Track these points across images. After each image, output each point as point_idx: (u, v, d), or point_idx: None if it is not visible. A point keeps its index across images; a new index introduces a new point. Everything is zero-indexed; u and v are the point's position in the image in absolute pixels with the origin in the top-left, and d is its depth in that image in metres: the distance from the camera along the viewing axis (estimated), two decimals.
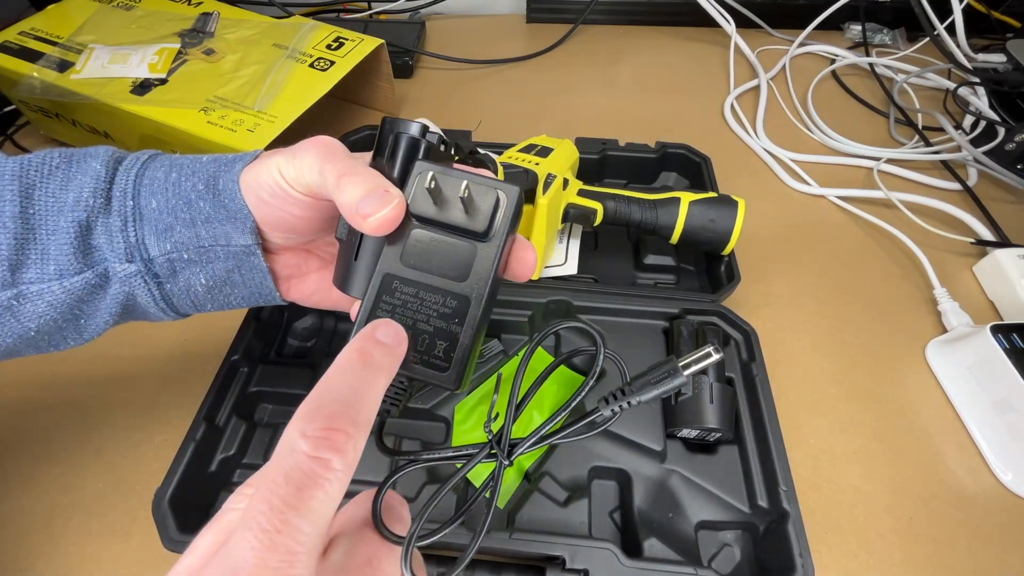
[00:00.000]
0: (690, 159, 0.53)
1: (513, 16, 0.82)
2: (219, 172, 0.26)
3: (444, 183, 0.22)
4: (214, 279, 0.27)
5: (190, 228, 0.26)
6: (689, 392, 0.36)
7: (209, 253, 0.26)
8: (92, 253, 0.25)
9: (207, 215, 0.26)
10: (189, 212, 0.26)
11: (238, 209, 0.26)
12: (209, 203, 0.26)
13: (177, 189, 0.26)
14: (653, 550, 0.33)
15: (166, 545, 0.30)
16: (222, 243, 0.26)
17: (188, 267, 0.26)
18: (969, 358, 0.41)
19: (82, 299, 0.25)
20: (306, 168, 0.24)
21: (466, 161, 0.39)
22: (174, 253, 0.26)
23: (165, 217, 0.25)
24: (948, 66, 0.64)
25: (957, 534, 0.36)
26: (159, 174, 0.26)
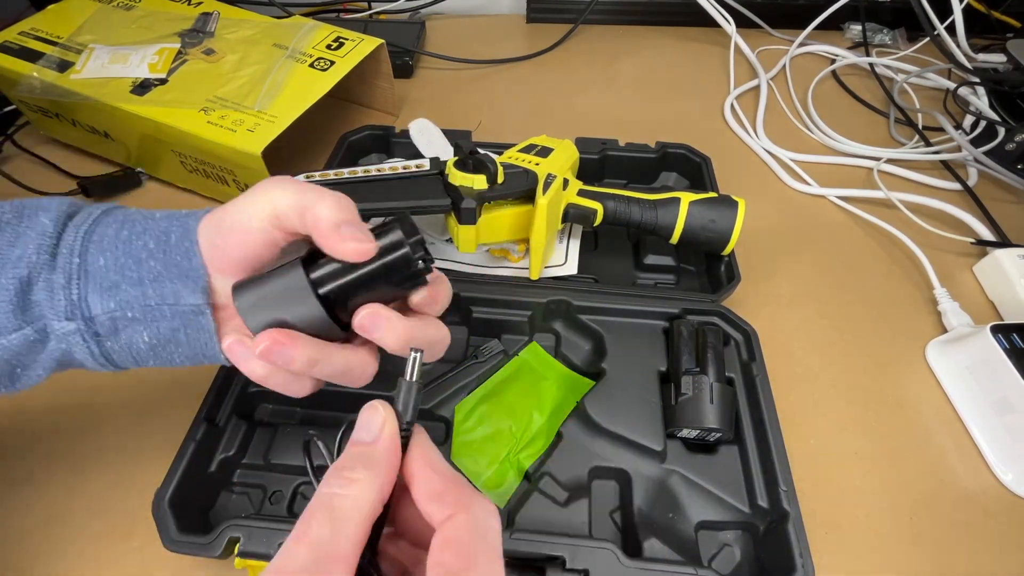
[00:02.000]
0: (690, 159, 0.53)
1: (513, 16, 0.82)
2: (171, 228, 0.26)
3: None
4: (158, 338, 0.26)
5: (137, 287, 0.25)
6: (689, 392, 0.36)
7: (155, 312, 0.25)
8: (31, 309, 0.24)
9: (156, 273, 0.25)
10: (138, 270, 0.25)
11: (192, 267, 0.25)
12: (160, 261, 0.25)
13: (127, 247, 0.25)
14: (653, 550, 0.33)
15: (166, 545, 0.30)
16: (170, 302, 0.25)
17: (131, 325, 0.25)
18: (969, 358, 0.41)
19: (18, 354, 0.25)
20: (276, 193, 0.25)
21: (467, 161, 0.39)
22: (118, 312, 0.25)
23: (112, 275, 0.25)
24: (948, 66, 0.64)
25: (957, 534, 0.36)
26: (110, 231, 0.26)
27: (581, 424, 0.38)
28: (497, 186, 0.40)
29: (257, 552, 0.30)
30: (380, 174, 0.40)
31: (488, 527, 0.19)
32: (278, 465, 0.36)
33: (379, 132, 0.55)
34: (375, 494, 0.19)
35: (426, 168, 0.41)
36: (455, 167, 0.39)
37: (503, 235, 0.42)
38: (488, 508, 0.20)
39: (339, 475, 0.19)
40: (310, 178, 0.39)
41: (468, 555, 0.18)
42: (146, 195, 0.55)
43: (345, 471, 0.19)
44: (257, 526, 0.30)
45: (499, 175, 0.40)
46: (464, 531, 0.19)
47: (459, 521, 0.19)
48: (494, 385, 0.40)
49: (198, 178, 0.52)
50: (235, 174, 0.49)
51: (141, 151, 0.53)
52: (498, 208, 0.41)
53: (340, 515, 0.18)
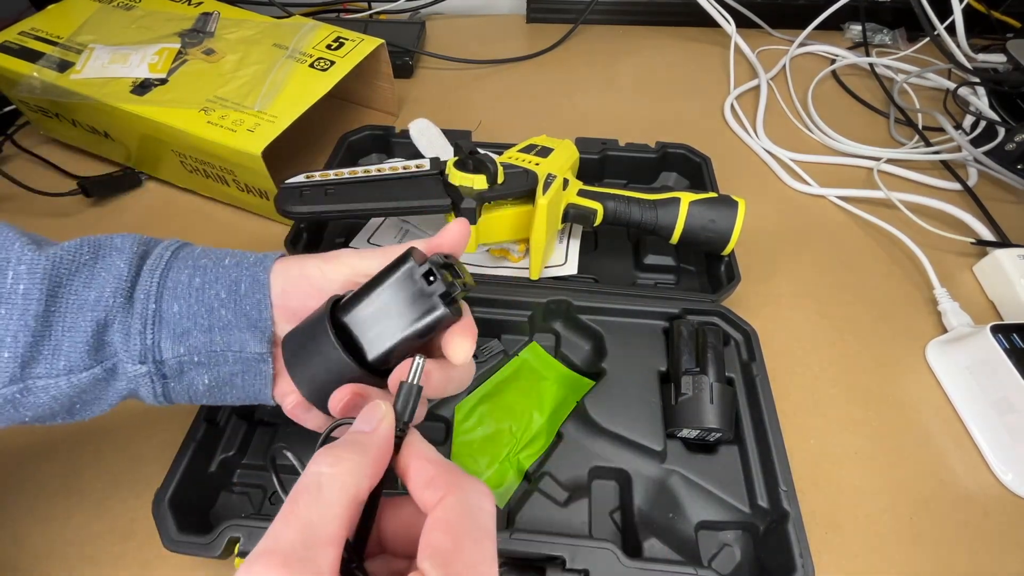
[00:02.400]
0: (690, 159, 0.53)
1: (513, 16, 0.82)
2: (241, 277, 0.27)
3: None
4: (217, 381, 0.27)
5: (207, 334, 0.26)
6: (689, 392, 0.36)
7: (219, 357, 0.26)
8: (104, 349, 0.25)
9: (226, 322, 0.26)
10: (208, 319, 0.26)
11: (261, 319, 0.26)
12: (231, 311, 0.26)
13: (200, 295, 0.26)
14: (653, 550, 0.33)
15: (166, 545, 0.30)
16: (235, 349, 0.26)
17: (195, 368, 0.26)
18: (969, 358, 0.41)
19: (85, 391, 0.25)
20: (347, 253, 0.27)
21: (467, 161, 0.39)
22: (186, 356, 0.26)
23: (184, 322, 0.26)
24: (948, 66, 0.64)
25: (957, 534, 0.36)
26: (183, 277, 0.26)
27: (581, 424, 0.38)
28: (497, 186, 0.40)
29: None
30: (380, 174, 0.40)
31: (479, 507, 0.19)
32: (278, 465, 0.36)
33: (379, 132, 0.55)
34: (363, 478, 0.19)
35: (426, 168, 0.41)
36: (455, 167, 0.39)
37: (503, 235, 0.42)
38: (480, 489, 0.20)
39: (328, 454, 0.19)
40: (310, 178, 0.39)
41: (458, 534, 0.18)
42: (146, 195, 0.55)
43: (335, 450, 0.19)
44: (257, 526, 0.30)
45: (499, 175, 0.40)
46: (454, 511, 0.19)
47: (449, 502, 0.19)
48: (494, 385, 0.40)
49: (198, 178, 0.52)
50: (235, 174, 0.49)
51: (141, 151, 0.53)
52: (498, 208, 0.41)
53: (328, 494, 0.18)
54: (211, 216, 0.54)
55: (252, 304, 0.26)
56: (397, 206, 0.39)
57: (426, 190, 0.40)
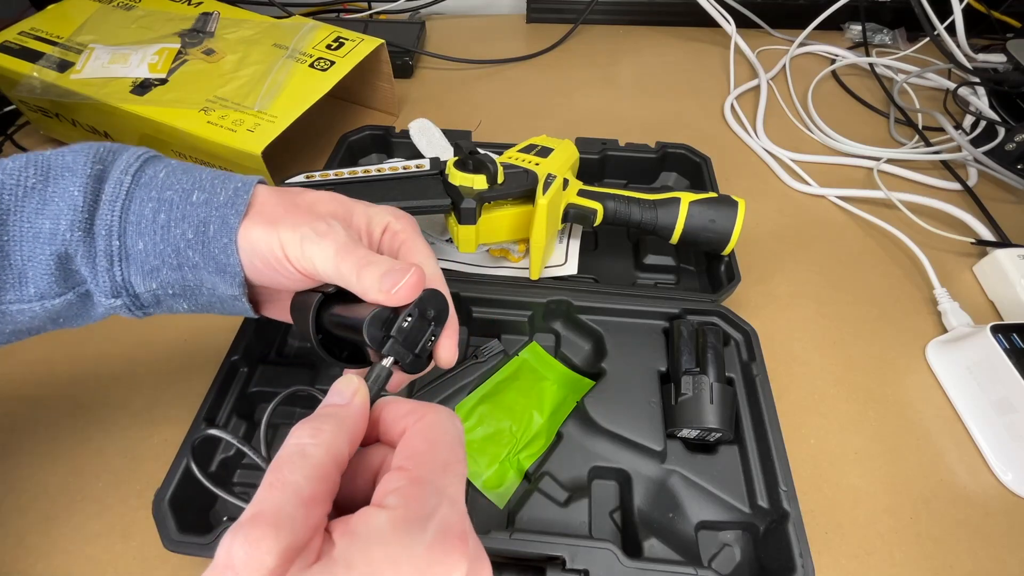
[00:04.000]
0: (690, 159, 0.53)
1: (513, 16, 0.82)
2: (210, 218, 0.25)
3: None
4: (197, 306, 0.28)
5: (177, 271, 0.26)
6: (689, 392, 0.36)
7: (195, 291, 0.27)
8: (73, 276, 0.25)
9: (194, 263, 0.25)
10: (177, 258, 0.25)
11: (229, 264, 0.25)
12: (198, 253, 0.25)
13: (166, 234, 0.25)
14: (653, 550, 0.33)
15: (166, 545, 0.30)
16: (208, 287, 0.26)
17: (172, 298, 0.27)
18: (969, 358, 0.41)
19: (63, 312, 0.25)
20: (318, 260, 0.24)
21: (467, 161, 0.39)
22: (160, 290, 0.26)
23: (152, 260, 0.25)
24: (948, 66, 0.64)
25: (957, 534, 0.36)
26: (147, 211, 0.25)
27: (581, 424, 0.38)
28: (497, 186, 0.39)
29: None
30: (380, 174, 0.40)
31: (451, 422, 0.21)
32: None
33: (379, 132, 0.55)
34: (344, 444, 0.19)
35: (426, 168, 0.41)
36: (455, 167, 0.39)
37: (503, 235, 0.42)
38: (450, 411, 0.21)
39: (308, 426, 0.19)
40: (310, 178, 0.39)
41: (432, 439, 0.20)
42: None
43: (314, 422, 0.20)
44: None
45: (499, 175, 0.40)
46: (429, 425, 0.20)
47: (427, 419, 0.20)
48: (494, 385, 0.40)
49: None
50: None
51: None
52: (498, 208, 0.41)
53: (314, 462, 0.18)
54: None
55: (220, 248, 0.25)
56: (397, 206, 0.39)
57: (426, 190, 0.40)
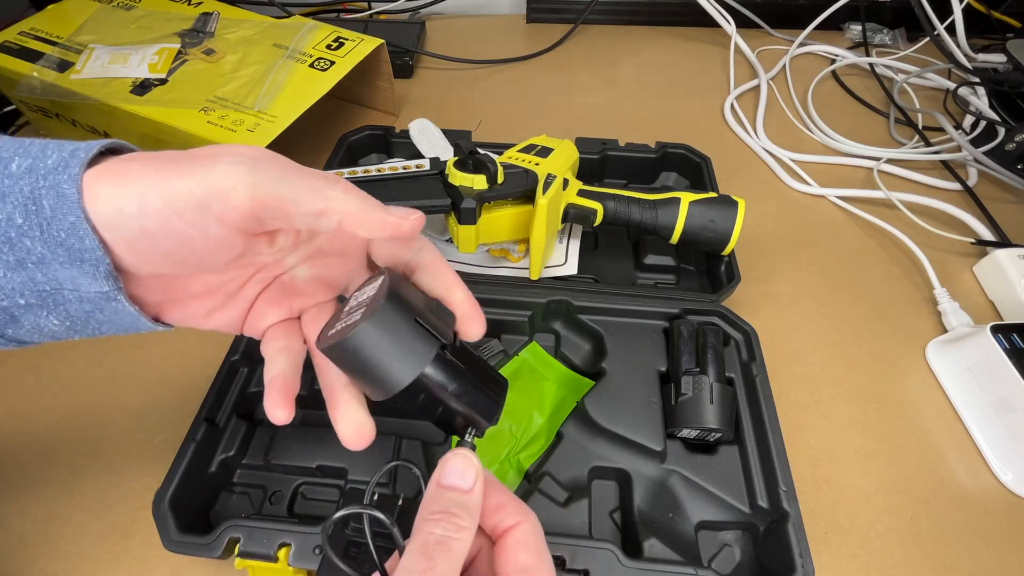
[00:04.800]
0: (690, 159, 0.53)
1: (513, 16, 0.82)
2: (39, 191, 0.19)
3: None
4: (70, 319, 0.21)
5: (19, 271, 0.19)
6: (689, 392, 0.36)
7: (55, 296, 0.20)
8: None
9: (39, 256, 0.19)
10: (13, 253, 0.19)
11: (84, 248, 0.19)
12: (38, 241, 0.19)
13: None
14: (653, 550, 0.33)
15: (166, 546, 0.30)
16: (68, 287, 0.20)
17: (30, 311, 0.21)
18: (969, 358, 0.41)
19: None
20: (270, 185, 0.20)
21: (467, 161, 0.39)
22: (4, 301, 0.20)
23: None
24: (948, 66, 0.64)
25: (957, 534, 0.36)
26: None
27: (581, 424, 0.38)
28: (497, 186, 0.40)
29: (257, 552, 0.30)
30: (380, 174, 0.40)
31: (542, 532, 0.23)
32: (278, 465, 0.36)
33: (379, 132, 0.55)
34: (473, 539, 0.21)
35: (426, 168, 0.41)
36: (455, 167, 0.39)
37: (503, 235, 0.42)
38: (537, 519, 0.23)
39: (450, 520, 0.21)
40: None
41: (538, 553, 0.22)
42: None
43: (455, 518, 0.21)
44: (257, 526, 0.30)
45: (499, 175, 0.40)
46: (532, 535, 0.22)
47: (526, 527, 0.22)
48: None
49: None
50: None
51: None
52: (498, 208, 0.41)
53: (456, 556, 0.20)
54: None
55: (66, 230, 0.19)
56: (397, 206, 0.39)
57: (426, 190, 0.40)
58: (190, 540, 0.30)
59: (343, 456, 0.36)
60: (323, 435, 0.37)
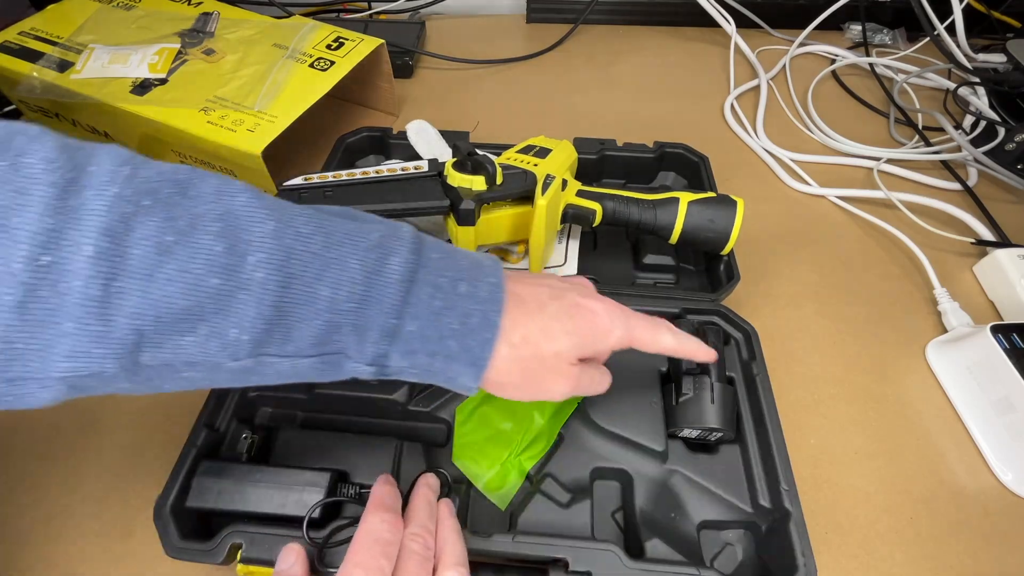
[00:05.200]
0: (688, 159, 0.53)
1: (513, 16, 0.82)
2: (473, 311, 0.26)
3: None
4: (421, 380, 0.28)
5: (430, 357, 0.26)
6: (690, 392, 0.36)
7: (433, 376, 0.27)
8: (329, 344, 0.24)
9: (450, 352, 0.26)
10: (438, 344, 0.25)
11: (481, 357, 0.26)
12: (458, 342, 0.26)
13: (436, 321, 0.25)
14: (656, 551, 0.33)
15: (169, 553, 0.30)
16: (450, 375, 0.26)
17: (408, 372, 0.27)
18: (969, 358, 0.41)
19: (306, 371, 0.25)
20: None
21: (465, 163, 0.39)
22: (408, 369, 0.26)
23: (415, 343, 0.25)
24: (948, 66, 0.64)
25: (957, 534, 0.36)
26: (424, 295, 0.25)
27: (582, 425, 0.38)
28: (496, 187, 0.39)
29: (259, 558, 0.30)
30: (378, 176, 0.40)
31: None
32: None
33: (376, 134, 0.55)
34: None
35: (424, 169, 0.41)
36: (454, 168, 0.39)
37: (502, 236, 0.42)
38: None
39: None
40: (309, 180, 0.39)
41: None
42: None
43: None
44: (258, 532, 0.30)
45: (498, 176, 0.40)
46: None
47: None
48: None
49: None
50: (235, 174, 0.49)
51: (141, 151, 0.52)
52: (497, 209, 0.41)
53: None
54: None
55: (478, 342, 0.26)
56: (396, 208, 0.39)
57: (425, 192, 0.40)
58: (192, 547, 0.30)
59: (344, 459, 0.36)
60: (323, 439, 0.37)
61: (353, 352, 0.25)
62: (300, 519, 0.30)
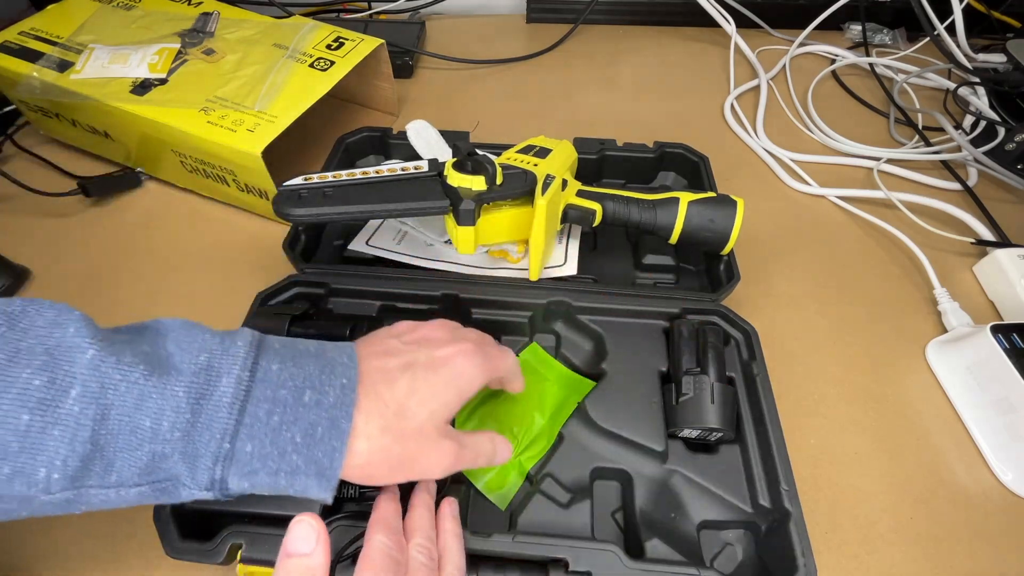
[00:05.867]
0: (688, 158, 0.53)
1: (513, 16, 0.82)
2: (319, 421, 0.25)
3: None
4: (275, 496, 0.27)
5: (273, 476, 0.25)
6: (690, 392, 0.36)
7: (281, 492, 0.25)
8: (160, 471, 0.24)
9: (294, 467, 0.25)
10: (279, 462, 0.24)
11: (330, 468, 0.25)
12: (302, 456, 0.25)
13: (276, 437, 0.24)
14: (655, 551, 0.33)
15: (169, 553, 0.30)
16: (297, 488, 0.25)
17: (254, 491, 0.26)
18: (969, 358, 0.41)
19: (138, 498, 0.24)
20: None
21: (465, 163, 0.39)
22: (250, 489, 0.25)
23: (255, 463, 0.24)
24: (948, 66, 0.64)
25: (957, 534, 0.36)
26: (261, 412, 0.24)
27: (582, 425, 0.38)
28: (496, 187, 0.39)
29: (260, 558, 0.30)
30: (378, 176, 0.40)
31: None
32: None
33: (376, 134, 0.55)
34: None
35: (425, 170, 0.41)
36: (454, 168, 0.39)
37: (502, 236, 0.42)
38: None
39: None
40: (308, 180, 0.39)
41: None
42: (146, 195, 0.55)
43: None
44: (258, 532, 0.30)
45: (498, 176, 0.40)
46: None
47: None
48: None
49: (198, 178, 0.52)
50: (235, 174, 0.49)
51: (141, 151, 0.53)
52: (497, 209, 0.41)
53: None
54: (210, 216, 0.53)
55: (325, 452, 0.25)
56: (396, 208, 0.39)
57: (425, 192, 0.40)
58: (193, 547, 0.30)
59: None
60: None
61: (187, 479, 0.24)
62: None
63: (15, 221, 0.52)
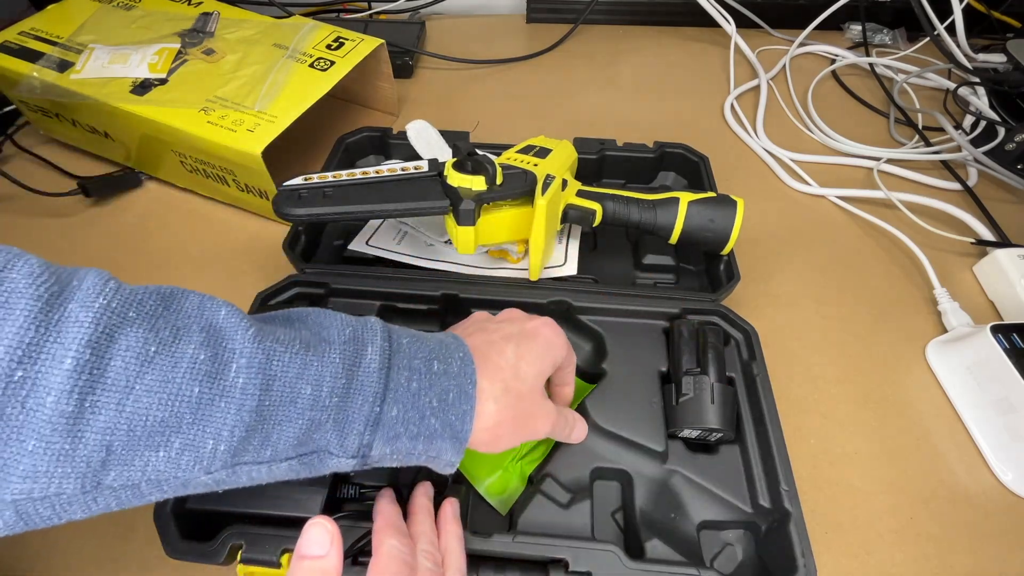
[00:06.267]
0: (688, 158, 0.53)
1: (513, 16, 0.82)
2: (449, 387, 0.27)
3: None
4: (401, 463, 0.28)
5: (412, 440, 0.26)
6: (690, 392, 0.36)
7: (414, 458, 0.27)
8: (309, 443, 0.25)
9: (432, 430, 0.26)
10: (419, 426, 0.26)
11: (463, 431, 0.27)
12: (439, 419, 0.27)
13: (416, 401, 0.26)
14: (655, 551, 0.33)
15: (169, 554, 0.30)
16: (432, 455, 0.27)
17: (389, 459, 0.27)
18: (969, 358, 0.41)
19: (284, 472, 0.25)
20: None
21: (465, 163, 0.39)
22: (390, 455, 0.26)
23: (398, 427, 0.26)
24: (948, 66, 0.64)
25: (957, 534, 0.36)
26: (402, 379, 0.26)
27: None
28: (496, 187, 0.39)
29: (259, 558, 0.29)
30: (378, 176, 0.40)
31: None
32: None
33: (376, 134, 0.55)
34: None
35: (424, 170, 0.41)
36: (454, 168, 0.39)
37: (502, 236, 0.42)
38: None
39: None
40: (308, 180, 0.39)
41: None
42: (146, 195, 0.55)
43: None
44: (259, 532, 0.30)
45: (498, 176, 0.40)
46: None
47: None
48: None
49: (198, 178, 0.52)
50: (235, 174, 0.49)
51: (141, 151, 0.53)
52: (497, 209, 0.41)
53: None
54: (210, 216, 0.53)
55: (457, 415, 0.27)
56: (396, 208, 0.39)
57: (425, 192, 0.40)
58: (192, 547, 0.30)
59: None
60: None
61: (335, 447, 0.25)
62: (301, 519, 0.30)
63: (15, 221, 0.52)
